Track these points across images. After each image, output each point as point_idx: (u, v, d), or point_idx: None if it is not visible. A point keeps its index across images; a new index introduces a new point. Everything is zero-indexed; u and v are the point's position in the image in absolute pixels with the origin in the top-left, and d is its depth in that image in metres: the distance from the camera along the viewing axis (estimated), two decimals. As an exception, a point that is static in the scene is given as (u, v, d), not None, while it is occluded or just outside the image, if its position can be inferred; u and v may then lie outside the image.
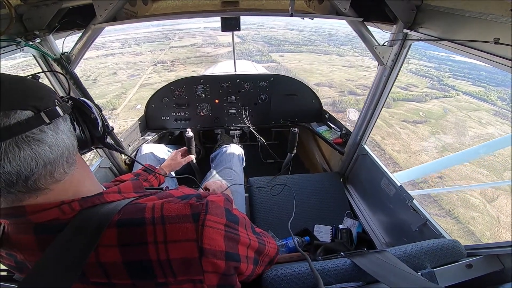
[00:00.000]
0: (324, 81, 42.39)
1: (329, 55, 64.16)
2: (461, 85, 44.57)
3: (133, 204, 0.57)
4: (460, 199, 15.84)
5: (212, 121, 2.45)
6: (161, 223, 0.53)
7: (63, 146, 0.50)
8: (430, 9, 1.20)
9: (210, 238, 0.55)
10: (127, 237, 0.52)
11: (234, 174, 1.77)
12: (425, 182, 16.73)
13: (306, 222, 1.78)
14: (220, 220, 0.58)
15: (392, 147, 22.28)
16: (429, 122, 28.87)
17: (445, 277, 0.83)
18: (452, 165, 3.00)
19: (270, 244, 0.79)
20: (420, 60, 59.26)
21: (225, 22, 1.59)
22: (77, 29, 1.40)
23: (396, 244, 1.53)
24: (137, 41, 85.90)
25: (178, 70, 48.84)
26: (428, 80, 46.63)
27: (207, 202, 0.58)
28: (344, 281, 0.80)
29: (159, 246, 0.52)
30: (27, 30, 1.21)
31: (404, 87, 40.21)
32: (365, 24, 1.42)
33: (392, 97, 33.05)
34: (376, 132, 24.25)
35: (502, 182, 14.92)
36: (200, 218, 0.55)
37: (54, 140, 0.48)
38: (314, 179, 2.09)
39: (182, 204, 0.57)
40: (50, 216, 0.51)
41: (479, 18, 0.96)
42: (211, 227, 0.55)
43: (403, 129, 26.19)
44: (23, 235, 0.53)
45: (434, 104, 34.65)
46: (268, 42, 79.43)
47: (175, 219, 0.54)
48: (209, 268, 0.55)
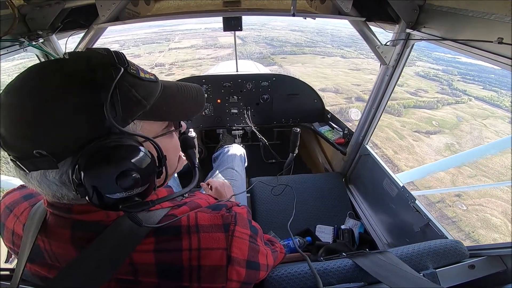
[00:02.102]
0: (330, 86, 40.12)
1: (333, 57, 62.56)
2: (472, 89, 42.93)
3: (170, 215, 0.59)
4: (480, 219, 15.05)
5: (214, 121, 2.45)
6: (196, 232, 0.56)
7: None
8: (433, 8, 1.19)
9: (238, 248, 0.58)
10: (164, 244, 0.54)
11: (236, 174, 1.77)
12: (442, 202, 15.84)
13: (308, 222, 1.77)
14: (246, 231, 0.61)
15: (405, 163, 20.16)
16: (443, 133, 27.35)
17: (447, 278, 0.82)
18: (454, 166, 2.99)
19: (279, 249, 0.83)
20: (426, 62, 57.71)
21: (227, 22, 1.60)
22: (80, 29, 1.41)
23: (398, 244, 1.53)
24: (136, 43, 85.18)
25: (176, 74, 47.19)
26: (438, 84, 45.11)
27: (236, 214, 0.61)
28: (346, 282, 0.80)
29: (193, 253, 0.54)
30: (30, 30, 1.22)
31: (413, 92, 38.85)
32: (367, 24, 1.42)
33: (402, 105, 31.82)
34: (388, 146, 22.78)
35: (503, 183, 14.70)
36: (230, 229, 0.58)
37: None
38: (316, 179, 2.09)
39: (214, 214, 0.60)
40: (95, 218, 0.53)
41: (482, 18, 0.95)
42: (239, 238, 0.59)
43: (416, 141, 24.40)
44: (59, 228, 0.54)
45: (447, 112, 32.92)
46: (270, 44, 78.57)
47: (208, 228, 0.57)
48: (233, 276, 0.57)
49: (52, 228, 0.55)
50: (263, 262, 0.65)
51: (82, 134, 0.45)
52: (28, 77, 0.45)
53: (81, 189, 0.44)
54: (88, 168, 0.43)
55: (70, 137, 0.44)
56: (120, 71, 0.46)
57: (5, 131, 0.44)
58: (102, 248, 0.51)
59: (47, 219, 0.56)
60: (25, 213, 0.61)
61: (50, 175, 0.47)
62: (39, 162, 0.44)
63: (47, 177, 0.47)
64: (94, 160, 0.43)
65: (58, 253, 0.55)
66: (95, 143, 0.44)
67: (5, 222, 0.64)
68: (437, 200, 15.59)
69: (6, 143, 0.44)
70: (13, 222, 0.63)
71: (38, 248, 0.56)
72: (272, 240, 0.85)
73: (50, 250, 0.56)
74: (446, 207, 15.56)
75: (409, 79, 45.26)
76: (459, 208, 15.52)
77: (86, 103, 0.44)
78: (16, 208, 0.63)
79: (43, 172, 0.46)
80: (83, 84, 0.45)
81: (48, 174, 0.47)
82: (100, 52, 0.47)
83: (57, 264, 0.57)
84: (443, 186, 16.58)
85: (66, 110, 0.43)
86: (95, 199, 0.45)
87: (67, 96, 0.44)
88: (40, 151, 0.43)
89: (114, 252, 0.51)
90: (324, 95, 33.46)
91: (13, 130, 0.44)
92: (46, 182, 0.47)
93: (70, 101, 0.44)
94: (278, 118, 2.50)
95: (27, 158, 0.44)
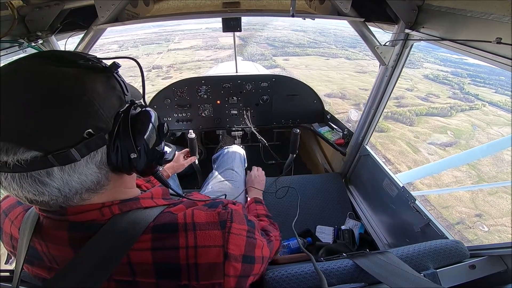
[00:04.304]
0: (336, 91, 37.26)
1: (337, 59, 59.75)
2: (484, 93, 40.66)
3: (166, 212, 0.60)
4: (503, 241, 13.94)
5: (214, 122, 2.45)
6: (192, 229, 0.56)
7: (78, 185, 0.47)
8: (431, 9, 1.19)
9: (235, 244, 0.59)
10: (160, 242, 0.55)
11: (235, 175, 1.77)
12: (462, 223, 14.78)
13: (308, 223, 1.77)
14: (243, 227, 0.62)
15: (421, 181, 17.44)
16: (459, 144, 25.10)
17: (448, 278, 0.82)
18: (455, 166, 3.00)
19: (274, 238, 0.84)
20: (434, 63, 55.83)
21: (226, 22, 1.59)
22: (79, 30, 1.41)
23: (398, 245, 1.52)
24: (135, 43, 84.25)
25: (174, 77, 44.51)
26: (449, 88, 42.64)
27: (232, 210, 0.62)
28: (346, 282, 0.80)
29: (189, 250, 0.55)
30: (30, 31, 1.22)
31: (424, 97, 36.27)
32: (366, 24, 1.42)
33: (414, 112, 29.88)
34: (402, 161, 20.85)
35: (503, 183, 14.50)
36: (226, 226, 0.59)
37: (63, 182, 0.45)
38: (315, 180, 2.09)
39: (210, 212, 0.61)
40: (89, 217, 0.53)
41: (481, 18, 0.95)
42: (236, 234, 0.60)
43: (432, 155, 22.48)
44: (56, 230, 0.54)
45: (461, 119, 30.43)
46: (272, 44, 77.14)
47: (205, 226, 0.57)
48: (230, 271, 0.58)
49: (48, 231, 0.54)
50: (259, 254, 0.66)
51: (115, 106, 0.50)
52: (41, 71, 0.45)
53: (135, 153, 0.51)
54: (139, 128, 0.52)
55: (110, 109, 0.49)
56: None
57: (44, 124, 0.41)
58: (98, 247, 0.51)
59: (41, 222, 0.56)
60: (20, 217, 0.61)
61: (90, 162, 0.48)
62: (91, 143, 0.45)
63: (79, 171, 0.46)
64: (141, 120, 0.53)
65: (56, 255, 0.55)
66: (128, 111, 0.52)
67: (3, 227, 0.65)
68: (456, 221, 14.79)
69: (42, 137, 0.41)
70: (9, 226, 0.63)
71: (36, 251, 0.56)
72: (267, 229, 0.84)
73: (48, 252, 0.56)
74: (466, 229, 14.72)
75: (418, 82, 43.46)
76: (480, 229, 14.71)
77: (110, 83, 0.51)
78: (11, 213, 0.64)
79: (72, 166, 0.45)
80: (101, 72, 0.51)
81: (86, 163, 0.47)
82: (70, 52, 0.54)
83: (56, 266, 0.57)
84: (461, 206, 15.82)
85: (102, 89, 0.48)
86: (146, 157, 0.54)
87: (96, 79, 0.48)
88: (90, 130, 0.44)
89: (110, 250, 0.51)
90: (330, 101, 31.93)
91: (58, 116, 0.42)
92: (78, 176, 0.46)
93: (99, 82, 0.48)
94: (278, 119, 2.50)
95: (77, 143, 0.43)
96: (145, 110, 0.56)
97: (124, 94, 0.53)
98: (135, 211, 0.57)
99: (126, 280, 0.55)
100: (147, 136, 0.53)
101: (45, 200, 0.46)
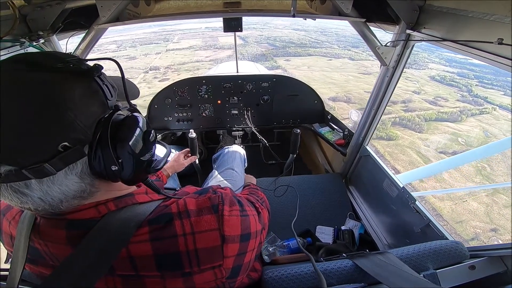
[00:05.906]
0: (341, 94, 36.02)
1: (340, 59, 58.62)
2: (492, 95, 38.97)
3: (161, 206, 0.60)
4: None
5: (215, 121, 2.45)
6: (187, 217, 0.57)
7: (60, 195, 0.47)
8: (433, 9, 1.19)
9: (230, 226, 0.59)
10: (158, 232, 0.55)
11: (236, 175, 1.77)
12: (476, 239, 13.96)
13: (308, 223, 1.77)
14: (235, 207, 0.63)
15: (432, 199, 16.35)
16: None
17: (447, 279, 0.82)
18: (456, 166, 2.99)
19: (260, 207, 0.80)
20: (439, 64, 54.55)
21: (227, 22, 1.60)
22: (81, 30, 1.42)
23: (398, 245, 1.52)
24: (133, 43, 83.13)
25: (171, 79, 41.72)
26: (457, 91, 40.90)
27: (222, 194, 0.64)
28: (346, 282, 0.80)
29: (188, 237, 0.56)
30: (31, 31, 1.22)
31: (432, 100, 35.02)
32: (367, 25, 1.42)
33: (423, 117, 28.85)
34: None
35: (503, 184, 14.34)
36: (219, 209, 0.60)
37: (43, 192, 0.45)
38: (316, 180, 2.09)
39: (201, 198, 0.62)
40: (86, 216, 0.53)
41: (482, 18, 0.95)
42: (229, 216, 0.60)
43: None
44: (54, 229, 0.54)
45: (472, 125, 29.13)
46: (273, 44, 76.21)
47: (198, 212, 0.58)
48: (229, 252, 0.59)
49: (46, 231, 0.54)
50: (253, 230, 0.67)
51: (96, 114, 0.48)
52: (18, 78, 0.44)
53: (117, 164, 0.49)
54: (121, 137, 0.49)
55: (89, 118, 0.47)
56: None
57: (15, 138, 0.40)
58: (94, 243, 0.51)
59: (38, 222, 0.56)
60: (17, 217, 0.61)
61: (70, 174, 0.46)
62: (68, 156, 0.44)
63: (59, 182, 0.46)
64: (124, 128, 0.50)
65: (56, 253, 0.55)
66: (110, 118, 0.49)
67: (1, 227, 0.65)
68: (470, 237, 14.16)
69: (15, 152, 0.41)
70: (7, 226, 0.63)
71: (37, 251, 0.57)
72: (251, 199, 0.81)
73: (48, 251, 0.56)
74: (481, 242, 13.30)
75: (424, 84, 43.72)
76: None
77: (90, 89, 0.49)
78: (8, 213, 0.64)
79: (51, 178, 0.44)
80: (79, 76, 0.48)
81: (65, 174, 0.46)
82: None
83: (57, 264, 0.57)
84: (476, 220, 15.18)
85: (79, 96, 0.46)
86: (131, 168, 0.52)
87: (74, 85, 0.46)
88: (65, 143, 0.43)
89: (106, 246, 0.51)
90: (335, 105, 30.82)
91: (28, 131, 0.41)
92: (58, 187, 0.46)
93: (78, 88, 0.46)
94: (278, 119, 2.50)
95: (52, 157, 0.42)
96: (130, 115, 0.53)
97: (107, 99, 0.51)
98: (131, 206, 0.57)
99: (130, 275, 0.55)
100: (132, 143, 0.51)
101: (31, 207, 0.47)
